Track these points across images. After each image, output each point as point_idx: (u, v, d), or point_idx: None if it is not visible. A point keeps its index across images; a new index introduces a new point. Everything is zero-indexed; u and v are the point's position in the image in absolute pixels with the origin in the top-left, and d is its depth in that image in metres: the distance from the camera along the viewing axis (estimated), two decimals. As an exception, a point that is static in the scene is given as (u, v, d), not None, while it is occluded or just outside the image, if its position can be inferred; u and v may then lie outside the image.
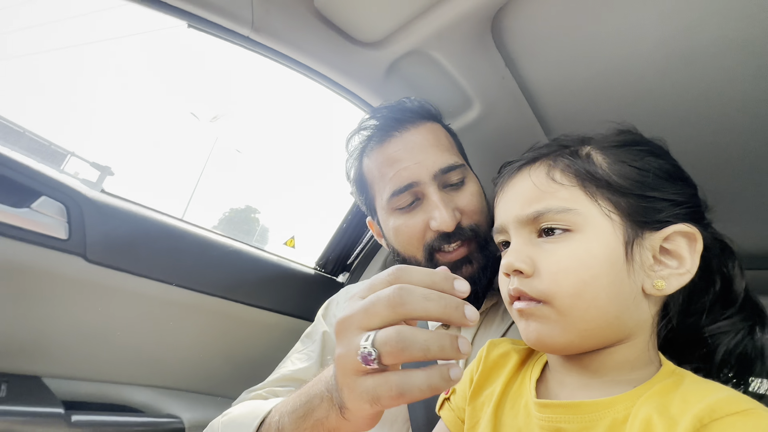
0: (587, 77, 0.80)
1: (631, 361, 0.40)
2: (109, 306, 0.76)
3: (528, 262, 0.40)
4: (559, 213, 0.40)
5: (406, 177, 0.63)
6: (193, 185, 47.96)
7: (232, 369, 0.94)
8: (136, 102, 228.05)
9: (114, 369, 0.79)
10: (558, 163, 0.43)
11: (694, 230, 0.39)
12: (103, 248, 0.74)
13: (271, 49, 0.79)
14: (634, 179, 0.41)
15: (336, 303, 0.84)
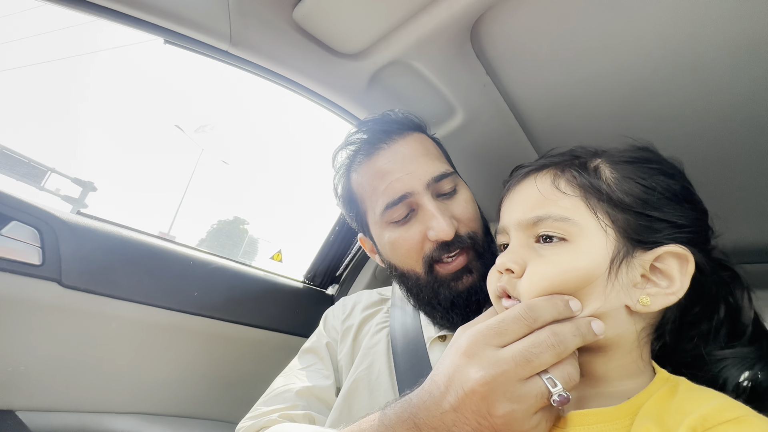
0: (568, 83, 0.81)
1: (617, 371, 0.41)
2: (87, 332, 0.73)
3: (519, 263, 0.42)
4: (558, 221, 0.41)
5: (399, 188, 0.62)
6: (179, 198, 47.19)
7: (221, 390, 0.91)
8: (119, 116, 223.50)
9: (94, 397, 0.75)
10: (565, 172, 0.44)
11: (686, 252, 0.39)
12: (80, 272, 0.71)
13: (251, 62, 0.79)
14: (637, 196, 0.42)
15: (333, 315, 0.81)
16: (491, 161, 1.08)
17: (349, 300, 0.83)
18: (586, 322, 0.38)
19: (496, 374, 0.35)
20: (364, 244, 0.76)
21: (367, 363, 0.67)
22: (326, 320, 0.81)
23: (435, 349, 0.65)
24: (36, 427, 0.66)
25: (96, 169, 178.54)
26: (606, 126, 0.89)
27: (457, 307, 0.62)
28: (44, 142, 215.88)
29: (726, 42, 0.64)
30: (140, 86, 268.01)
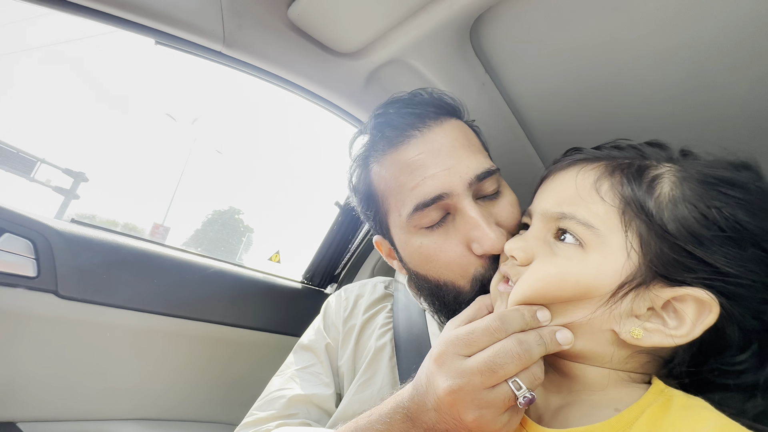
0: (568, 82, 0.81)
1: (599, 378, 0.40)
2: (86, 341, 0.73)
3: (527, 253, 0.41)
4: (580, 225, 0.38)
5: (433, 187, 0.50)
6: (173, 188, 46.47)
7: (222, 393, 0.91)
8: (109, 104, 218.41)
9: (95, 405, 0.75)
10: (614, 174, 0.39)
11: (713, 302, 0.34)
12: (76, 283, 0.70)
13: (246, 63, 0.77)
14: (687, 227, 0.35)
15: (335, 310, 0.75)
16: (492, 158, 1.08)
17: (352, 293, 0.76)
18: (550, 332, 0.38)
19: (461, 384, 0.35)
20: (379, 247, 0.65)
21: (370, 373, 0.63)
22: (326, 314, 0.74)
23: None
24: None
25: (87, 160, 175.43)
26: (605, 125, 0.89)
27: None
28: (32, 133, 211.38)
29: (726, 41, 0.64)
30: (131, 74, 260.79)
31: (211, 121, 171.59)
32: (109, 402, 0.76)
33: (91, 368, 0.74)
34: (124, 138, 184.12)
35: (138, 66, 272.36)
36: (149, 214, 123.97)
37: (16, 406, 0.67)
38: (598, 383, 0.40)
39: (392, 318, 0.70)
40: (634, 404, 0.37)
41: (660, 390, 0.38)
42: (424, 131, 0.54)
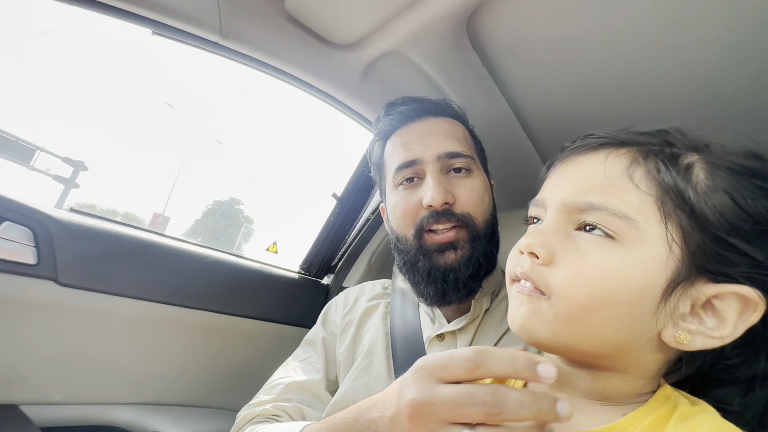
0: (565, 75, 0.81)
1: (621, 391, 0.37)
2: (86, 328, 0.74)
3: (550, 250, 0.36)
4: (613, 216, 0.34)
5: (411, 154, 0.66)
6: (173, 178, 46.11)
7: (220, 380, 0.93)
8: (109, 93, 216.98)
9: (95, 390, 0.77)
10: (648, 160, 0.36)
11: (760, 300, 0.32)
12: (76, 270, 0.71)
13: (243, 54, 0.77)
14: (726, 217, 0.33)
15: (335, 308, 0.81)
16: (487, 152, 1.08)
17: (352, 292, 0.83)
18: (550, 401, 0.30)
19: (424, 403, 0.33)
20: (383, 213, 0.78)
21: (367, 362, 0.68)
22: (327, 313, 0.82)
23: (433, 349, 0.66)
24: (39, 420, 0.68)
25: (87, 149, 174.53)
26: (602, 119, 0.89)
27: (432, 278, 0.62)
28: (31, 121, 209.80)
29: (724, 35, 0.64)
30: (131, 62, 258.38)
31: (211, 110, 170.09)
32: (110, 386, 0.78)
33: (91, 354, 0.76)
34: (124, 127, 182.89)
35: (138, 54, 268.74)
36: (149, 204, 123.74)
37: (19, 389, 0.69)
38: (614, 394, 0.37)
39: (389, 313, 0.74)
40: (638, 409, 0.35)
41: (666, 396, 0.36)
42: (423, 119, 0.70)
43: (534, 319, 0.36)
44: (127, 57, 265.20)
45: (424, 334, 0.68)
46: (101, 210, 43.59)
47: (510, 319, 0.40)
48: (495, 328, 0.65)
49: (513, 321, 0.39)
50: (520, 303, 0.38)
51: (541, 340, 0.37)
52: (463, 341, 0.64)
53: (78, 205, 40.39)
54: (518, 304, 0.38)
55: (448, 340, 0.65)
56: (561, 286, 0.35)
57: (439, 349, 0.65)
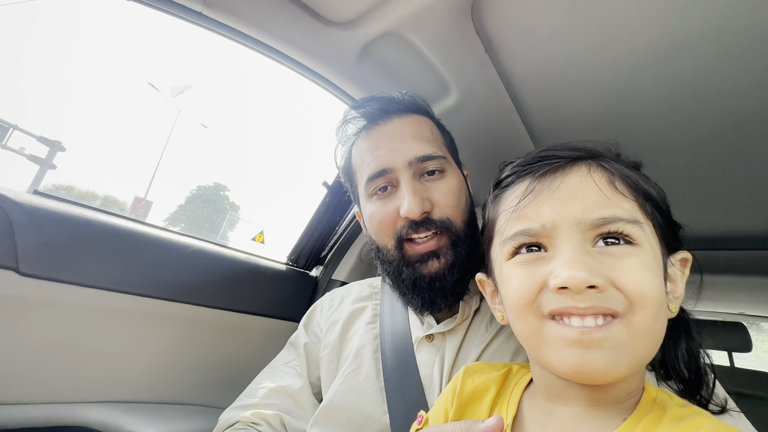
0: (568, 66, 0.78)
1: (633, 388, 0.37)
2: (52, 322, 0.68)
3: (603, 276, 0.34)
4: (629, 224, 0.36)
5: (381, 163, 0.63)
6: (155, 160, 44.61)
7: (201, 376, 0.89)
8: (88, 69, 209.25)
9: (64, 388, 0.71)
10: (615, 170, 0.40)
11: (690, 256, 0.40)
12: (39, 259, 0.65)
13: (227, 26, 0.70)
14: (664, 202, 0.41)
15: (320, 309, 0.82)
16: (484, 143, 1.05)
17: (338, 293, 0.83)
18: None
19: None
20: (359, 217, 0.76)
21: (355, 365, 0.67)
22: (312, 315, 0.82)
23: (422, 350, 0.65)
24: (2, 421, 0.62)
25: (64, 128, 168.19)
26: (601, 111, 0.87)
27: (419, 289, 0.62)
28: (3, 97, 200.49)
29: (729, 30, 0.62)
30: (112, 40, 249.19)
31: (197, 93, 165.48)
32: (79, 384, 0.73)
33: (58, 349, 0.70)
34: (105, 107, 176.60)
35: (120, 31, 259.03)
36: (131, 187, 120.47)
37: (-26, 388, 0.63)
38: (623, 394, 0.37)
39: (378, 315, 0.74)
40: (631, 417, 0.35)
41: (652, 399, 0.37)
42: (387, 122, 0.67)
43: (617, 356, 0.33)
44: (108, 33, 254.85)
45: (413, 334, 0.67)
46: (79, 192, 42.16)
47: (575, 370, 0.33)
48: (485, 329, 0.64)
49: (583, 371, 0.33)
50: (587, 349, 0.33)
51: (621, 375, 0.33)
52: (453, 342, 0.64)
53: (55, 186, 38.76)
54: (582, 351, 0.33)
55: (438, 341, 0.65)
56: (637, 298, 0.34)
57: (428, 349, 0.65)
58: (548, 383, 0.40)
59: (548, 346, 0.35)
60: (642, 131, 0.89)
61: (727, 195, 1.04)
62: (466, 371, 0.49)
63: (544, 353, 0.36)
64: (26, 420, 0.66)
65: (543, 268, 0.37)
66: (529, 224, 0.39)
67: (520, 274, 0.38)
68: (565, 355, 0.34)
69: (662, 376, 0.45)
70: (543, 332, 0.36)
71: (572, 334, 0.33)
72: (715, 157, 0.91)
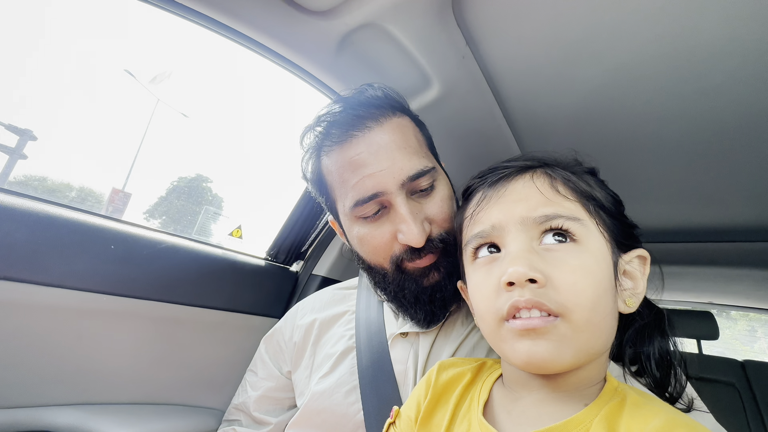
0: (549, 61, 0.78)
1: (592, 376, 0.40)
2: (13, 324, 0.65)
3: (541, 271, 0.37)
4: (570, 220, 0.40)
5: (370, 186, 0.57)
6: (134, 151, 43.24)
7: (177, 375, 0.86)
8: (61, 55, 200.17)
9: (28, 392, 0.68)
10: (558, 175, 0.43)
11: (647, 254, 0.44)
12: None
13: (198, 13, 0.67)
14: (614, 203, 0.44)
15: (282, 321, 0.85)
16: (466, 137, 1.04)
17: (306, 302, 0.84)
18: None
19: None
20: (335, 226, 0.72)
21: (329, 366, 0.68)
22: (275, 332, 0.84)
23: (396, 346, 0.66)
24: (-43, 428, 0.59)
25: (35, 117, 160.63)
26: (581, 106, 0.87)
27: (421, 303, 0.61)
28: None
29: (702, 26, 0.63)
30: (87, 24, 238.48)
31: (177, 81, 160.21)
32: (44, 387, 0.69)
33: (19, 352, 0.66)
34: (78, 95, 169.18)
35: (94, 16, 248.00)
36: (108, 179, 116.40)
37: (-73, 394, 0.59)
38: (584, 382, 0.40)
39: (354, 313, 0.74)
40: (592, 403, 0.38)
41: (614, 388, 0.40)
42: (365, 132, 0.60)
43: (561, 347, 0.36)
44: (82, 17, 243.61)
45: (388, 330, 0.68)
46: (53, 184, 40.45)
47: (525, 359, 0.37)
48: (461, 325, 0.65)
49: (532, 360, 0.36)
50: (533, 340, 0.37)
51: (567, 365, 0.37)
52: (427, 338, 0.64)
53: (27, 177, 37.05)
54: (530, 343, 0.37)
55: (412, 337, 0.65)
56: (570, 298, 0.36)
57: (403, 346, 0.65)
58: (513, 374, 0.44)
59: (504, 342, 0.39)
60: (621, 127, 0.90)
61: (699, 189, 1.07)
62: (440, 366, 0.51)
63: (502, 349, 0.40)
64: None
65: (497, 269, 0.40)
66: (482, 227, 0.43)
67: (480, 276, 0.43)
68: (518, 348, 0.37)
69: (633, 373, 0.46)
70: (500, 331, 0.39)
71: (520, 327, 0.37)
72: (690, 153, 0.94)
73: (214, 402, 0.92)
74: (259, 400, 0.78)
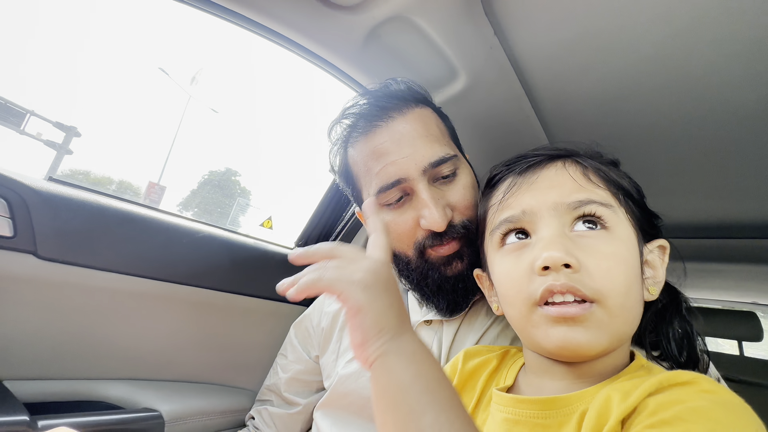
0: (579, 50, 0.76)
1: (616, 362, 0.41)
2: (71, 303, 0.71)
3: (575, 256, 0.37)
4: (602, 206, 0.40)
5: (393, 173, 0.59)
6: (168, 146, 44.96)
7: (212, 355, 0.92)
8: (102, 57, 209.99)
9: (83, 366, 0.75)
10: (588, 164, 0.44)
11: (668, 244, 0.45)
12: (56, 243, 0.67)
13: (230, 11, 0.70)
14: (638, 193, 0.45)
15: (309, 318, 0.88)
16: (494, 128, 1.03)
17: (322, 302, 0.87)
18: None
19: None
20: (361, 218, 0.75)
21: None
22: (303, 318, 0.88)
23: (420, 333, 0.67)
24: (24, 395, 0.65)
25: (79, 114, 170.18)
26: (614, 94, 0.84)
27: (444, 292, 0.61)
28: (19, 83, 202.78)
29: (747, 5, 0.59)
30: (124, 24, 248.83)
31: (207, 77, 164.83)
32: (97, 362, 0.76)
33: (77, 329, 0.73)
34: (118, 93, 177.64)
35: (129, 16, 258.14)
36: (145, 173, 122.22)
37: (1, 364, 0.66)
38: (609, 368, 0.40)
39: None
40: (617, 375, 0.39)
41: (640, 365, 0.40)
42: (388, 122, 0.62)
43: (598, 333, 0.36)
44: (119, 19, 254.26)
45: (412, 318, 0.69)
46: (95, 178, 42.99)
47: (560, 345, 0.37)
48: (485, 315, 0.66)
49: (567, 346, 0.37)
50: (570, 327, 0.37)
51: (603, 350, 0.38)
52: (450, 329, 0.65)
53: (72, 172, 39.48)
54: (566, 329, 0.37)
55: (435, 326, 0.67)
56: (605, 284, 0.37)
57: (427, 333, 0.67)
58: (536, 361, 0.44)
59: (536, 328, 0.39)
60: (656, 117, 0.86)
61: (742, 183, 1.01)
62: (466, 353, 0.52)
63: (533, 334, 0.40)
64: (51, 394, 0.70)
65: (528, 255, 0.40)
66: (512, 212, 0.44)
67: (509, 261, 0.43)
68: (552, 334, 0.37)
69: (656, 358, 0.47)
70: (532, 317, 0.39)
71: (556, 313, 0.37)
72: (732, 143, 0.89)
73: (247, 383, 0.98)
74: (289, 382, 0.82)
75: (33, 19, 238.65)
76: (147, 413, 0.73)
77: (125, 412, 0.72)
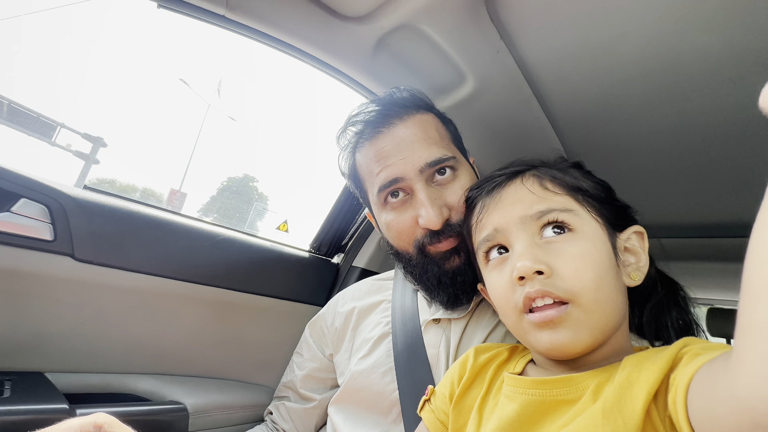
0: (585, 51, 0.76)
1: (616, 351, 0.42)
2: (103, 302, 0.76)
3: (546, 262, 0.41)
4: (563, 212, 0.44)
5: (391, 173, 0.63)
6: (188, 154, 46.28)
7: (233, 353, 0.96)
8: (124, 68, 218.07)
9: (114, 360, 0.80)
10: (545, 174, 0.48)
11: (643, 229, 0.48)
12: (91, 246, 0.72)
13: (249, 27, 0.74)
14: (602, 191, 0.49)
15: (329, 306, 0.90)
16: (502, 132, 1.04)
17: (347, 292, 0.90)
18: None
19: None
20: (371, 219, 0.79)
21: (368, 349, 0.74)
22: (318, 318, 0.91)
23: (429, 331, 0.69)
24: (63, 386, 0.71)
25: (104, 125, 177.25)
26: (623, 94, 0.84)
27: (443, 285, 0.64)
28: (50, 97, 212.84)
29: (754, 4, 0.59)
30: (145, 38, 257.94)
31: (225, 87, 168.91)
32: (128, 357, 0.81)
33: (109, 327, 0.78)
34: (141, 104, 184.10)
35: (152, 30, 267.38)
36: (167, 180, 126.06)
37: (43, 357, 0.72)
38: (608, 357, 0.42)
39: (390, 302, 0.79)
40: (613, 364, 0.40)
41: (641, 349, 0.42)
42: (390, 128, 0.66)
43: (578, 331, 0.39)
44: (141, 33, 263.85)
45: (421, 317, 0.71)
46: (122, 185, 44.73)
47: (548, 348, 0.40)
48: (489, 317, 0.67)
49: (554, 346, 0.40)
50: (553, 330, 0.40)
51: (587, 346, 0.40)
52: (458, 327, 0.67)
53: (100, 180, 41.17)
54: (550, 332, 0.40)
55: (444, 324, 0.69)
56: (575, 284, 0.40)
57: (435, 331, 0.69)
58: (542, 359, 0.48)
59: (527, 334, 0.43)
60: (666, 116, 0.86)
61: (756, 181, 0.99)
62: (476, 350, 0.55)
63: (526, 340, 0.44)
64: (86, 386, 0.75)
65: (508, 267, 0.44)
66: (486, 231, 0.48)
67: (495, 276, 0.47)
68: (540, 338, 0.41)
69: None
70: (522, 324, 0.43)
71: (538, 319, 0.40)
72: (739, 144, 0.87)
73: (265, 380, 1.02)
74: (305, 379, 0.86)
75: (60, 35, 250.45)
76: (173, 405, 0.78)
77: (153, 404, 0.77)
